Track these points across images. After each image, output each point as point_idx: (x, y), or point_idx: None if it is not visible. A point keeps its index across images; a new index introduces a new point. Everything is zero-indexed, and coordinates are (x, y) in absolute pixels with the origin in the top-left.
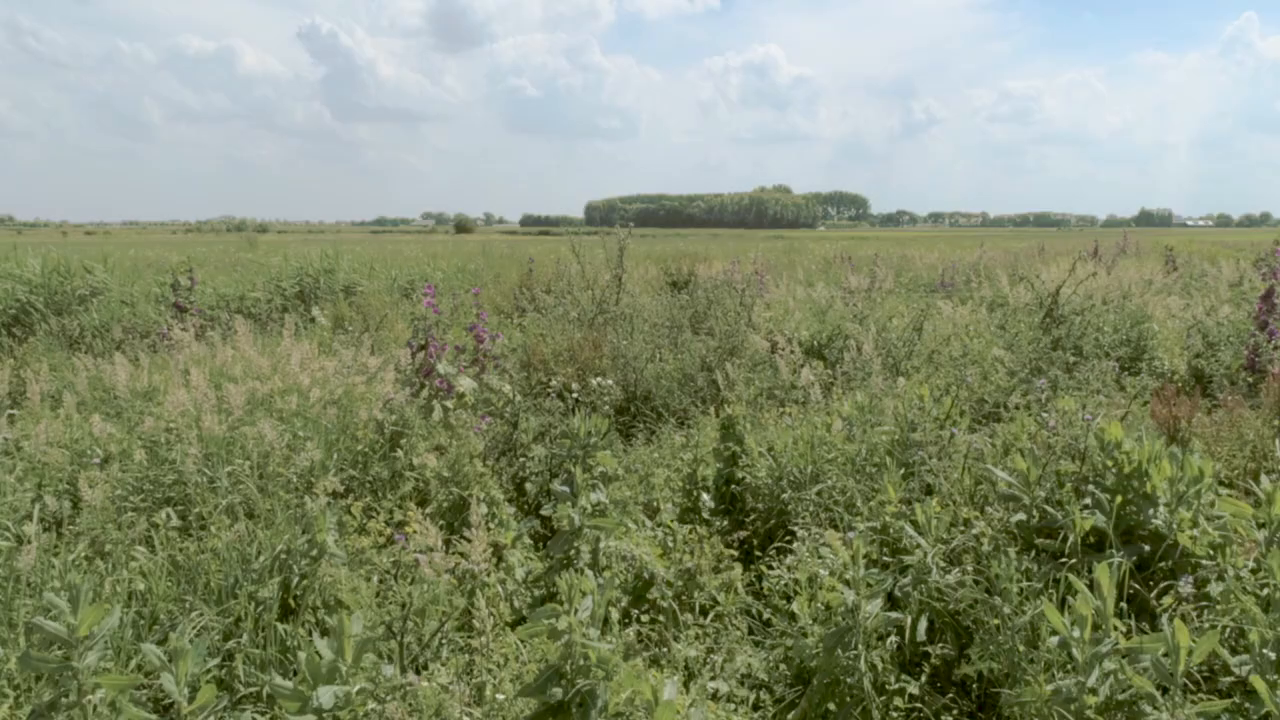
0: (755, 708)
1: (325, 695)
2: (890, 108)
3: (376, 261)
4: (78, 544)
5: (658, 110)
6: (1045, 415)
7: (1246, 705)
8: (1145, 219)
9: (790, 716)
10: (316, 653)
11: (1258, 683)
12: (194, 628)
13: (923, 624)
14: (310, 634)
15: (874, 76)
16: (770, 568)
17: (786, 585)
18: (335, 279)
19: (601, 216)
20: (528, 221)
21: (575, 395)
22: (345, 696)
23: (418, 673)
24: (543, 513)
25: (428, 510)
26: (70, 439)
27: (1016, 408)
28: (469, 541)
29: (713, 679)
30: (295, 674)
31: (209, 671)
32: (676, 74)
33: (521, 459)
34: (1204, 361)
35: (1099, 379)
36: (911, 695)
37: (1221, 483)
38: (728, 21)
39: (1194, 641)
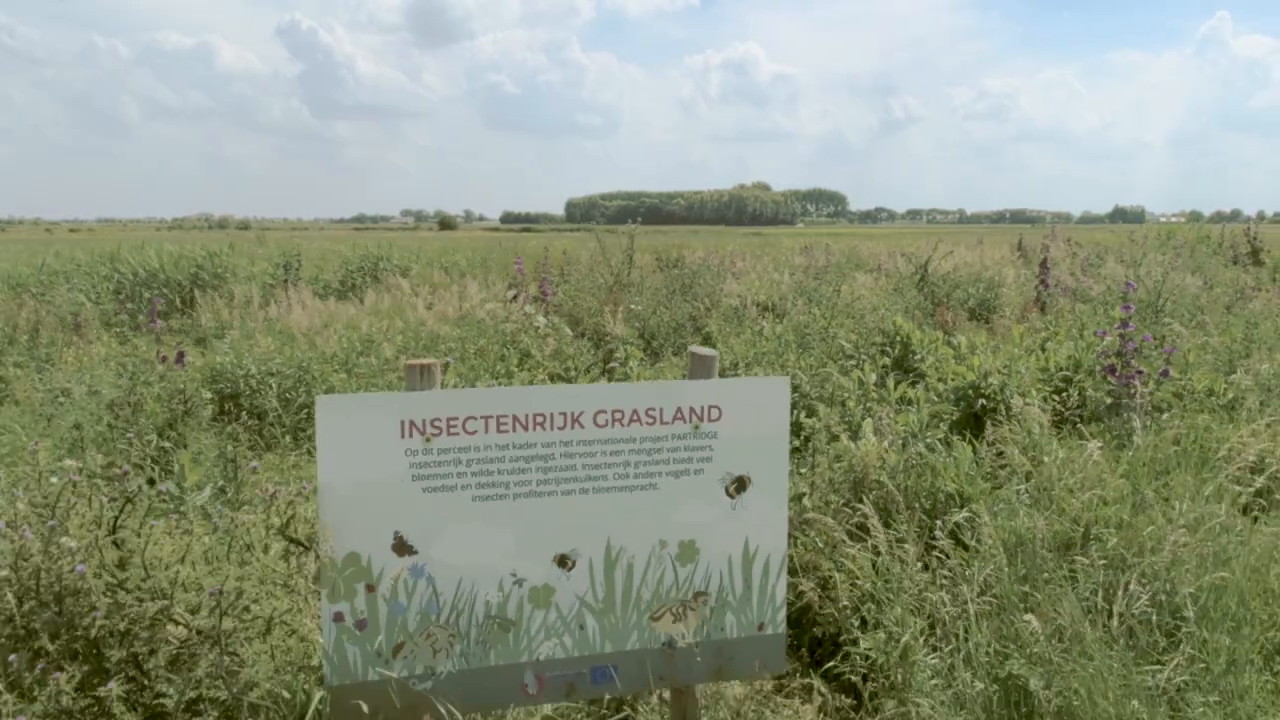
0: None
1: None
2: (870, 105)
3: (406, 252)
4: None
5: (638, 107)
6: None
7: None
8: (1119, 215)
9: None
10: None
11: (909, 391)
12: None
13: (802, 414)
14: None
15: (854, 74)
16: None
17: None
18: (391, 264)
19: (582, 213)
20: (508, 219)
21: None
22: None
23: None
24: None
25: (541, 375)
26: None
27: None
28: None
29: None
30: None
31: None
32: (657, 71)
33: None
34: (1014, 307)
35: (952, 319)
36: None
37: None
38: (708, 19)
39: (895, 389)
